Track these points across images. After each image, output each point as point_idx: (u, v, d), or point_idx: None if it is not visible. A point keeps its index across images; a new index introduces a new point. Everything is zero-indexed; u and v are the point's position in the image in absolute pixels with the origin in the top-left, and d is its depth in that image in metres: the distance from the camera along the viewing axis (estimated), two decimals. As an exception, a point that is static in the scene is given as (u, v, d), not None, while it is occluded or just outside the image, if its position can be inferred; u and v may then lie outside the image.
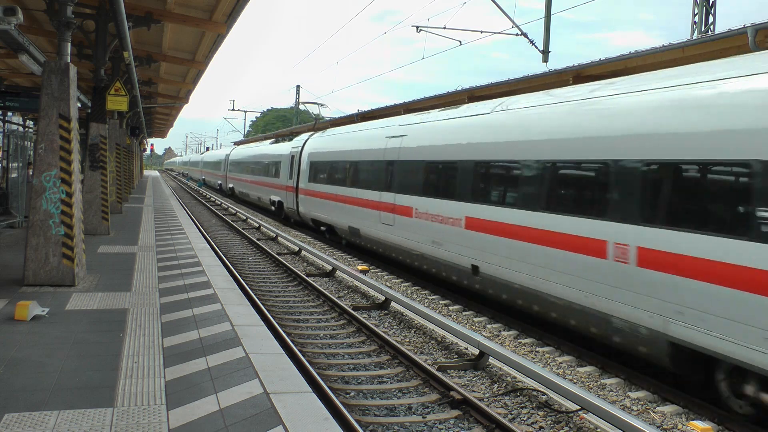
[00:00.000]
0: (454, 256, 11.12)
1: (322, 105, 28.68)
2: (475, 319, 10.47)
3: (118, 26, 11.66)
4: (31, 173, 13.40)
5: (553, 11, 17.83)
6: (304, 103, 28.54)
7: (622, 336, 7.52)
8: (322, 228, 19.83)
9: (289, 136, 28.62)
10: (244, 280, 12.20)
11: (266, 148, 29.82)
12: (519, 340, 9.35)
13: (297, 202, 22.28)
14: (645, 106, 7.38)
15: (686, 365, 6.85)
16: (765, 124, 5.84)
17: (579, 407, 6.16)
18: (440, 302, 11.68)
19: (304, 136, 23.76)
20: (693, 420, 6.51)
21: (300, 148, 22.50)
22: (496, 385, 7.22)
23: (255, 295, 10.92)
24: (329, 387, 6.55)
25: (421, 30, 19.32)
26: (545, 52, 17.90)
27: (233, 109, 77.78)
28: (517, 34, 18.18)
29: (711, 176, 6.39)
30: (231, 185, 41.96)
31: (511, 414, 6.41)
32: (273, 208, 26.76)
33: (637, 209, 7.18)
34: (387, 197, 13.99)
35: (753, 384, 6.19)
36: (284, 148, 25.29)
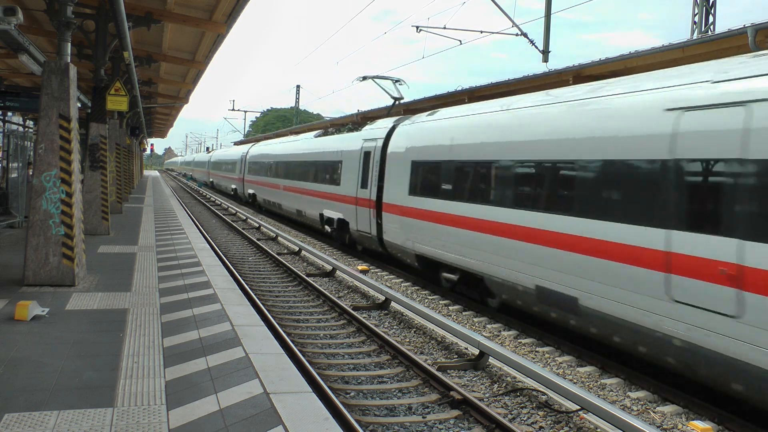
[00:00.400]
0: None
1: (398, 81, 18.47)
2: (475, 319, 10.47)
3: (118, 26, 11.67)
4: (31, 173, 13.40)
5: (553, 11, 17.88)
6: (373, 77, 18.55)
7: None
8: (446, 275, 11.95)
9: (348, 126, 19.78)
10: (244, 280, 12.21)
11: (312, 142, 21.74)
12: (519, 340, 9.35)
13: (379, 225, 14.70)
14: None
15: None
16: None
17: (579, 407, 6.16)
18: (440, 302, 11.67)
19: (383, 122, 16.20)
20: (693, 420, 6.51)
21: (381, 141, 15.09)
22: (496, 385, 7.22)
23: (255, 295, 10.92)
24: (329, 387, 6.56)
25: (421, 30, 19.35)
26: (545, 52, 17.94)
27: (233, 109, 78.41)
28: (517, 34, 18.21)
29: None
30: (251, 191, 32.32)
31: (511, 414, 6.42)
32: (328, 228, 18.79)
33: None
34: (699, 246, 6.33)
35: None
36: (349, 141, 17.56)
